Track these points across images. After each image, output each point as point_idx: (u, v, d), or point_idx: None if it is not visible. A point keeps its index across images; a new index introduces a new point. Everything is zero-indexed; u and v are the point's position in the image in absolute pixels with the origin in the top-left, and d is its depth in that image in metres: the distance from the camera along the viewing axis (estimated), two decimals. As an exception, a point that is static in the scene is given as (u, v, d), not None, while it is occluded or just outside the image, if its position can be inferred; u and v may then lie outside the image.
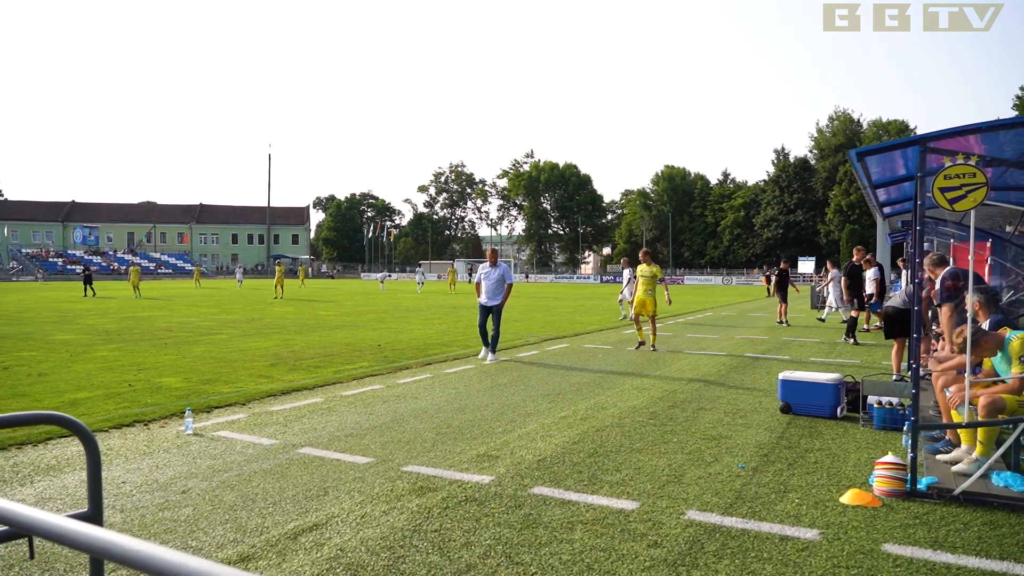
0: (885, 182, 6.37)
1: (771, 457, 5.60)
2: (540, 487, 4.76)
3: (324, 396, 8.01)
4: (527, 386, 8.78)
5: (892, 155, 5.41)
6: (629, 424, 6.70)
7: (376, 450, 5.67)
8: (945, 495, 4.55)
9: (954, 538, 3.90)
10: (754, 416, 7.09)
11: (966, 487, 4.52)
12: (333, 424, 6.61)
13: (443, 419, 6.85)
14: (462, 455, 5.54)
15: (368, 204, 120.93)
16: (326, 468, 5.17)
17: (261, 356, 11.30)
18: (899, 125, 77.87)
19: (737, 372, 10.09)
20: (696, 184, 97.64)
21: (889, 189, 6.95)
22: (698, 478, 4.99)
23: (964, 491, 4.52)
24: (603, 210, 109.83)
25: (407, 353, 11.86)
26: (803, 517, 4.23)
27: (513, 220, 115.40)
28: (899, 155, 5.40)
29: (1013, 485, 4.62)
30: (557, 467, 5.24)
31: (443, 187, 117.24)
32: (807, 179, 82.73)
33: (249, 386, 8.52)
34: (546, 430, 6.43)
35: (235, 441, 5.94)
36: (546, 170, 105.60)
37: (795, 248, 78.86)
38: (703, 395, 8.26)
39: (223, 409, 7.24)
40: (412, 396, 8.07)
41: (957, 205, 4.49)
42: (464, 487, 4.75)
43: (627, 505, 4.41)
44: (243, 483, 4.80)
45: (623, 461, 5.41)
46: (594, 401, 7.82)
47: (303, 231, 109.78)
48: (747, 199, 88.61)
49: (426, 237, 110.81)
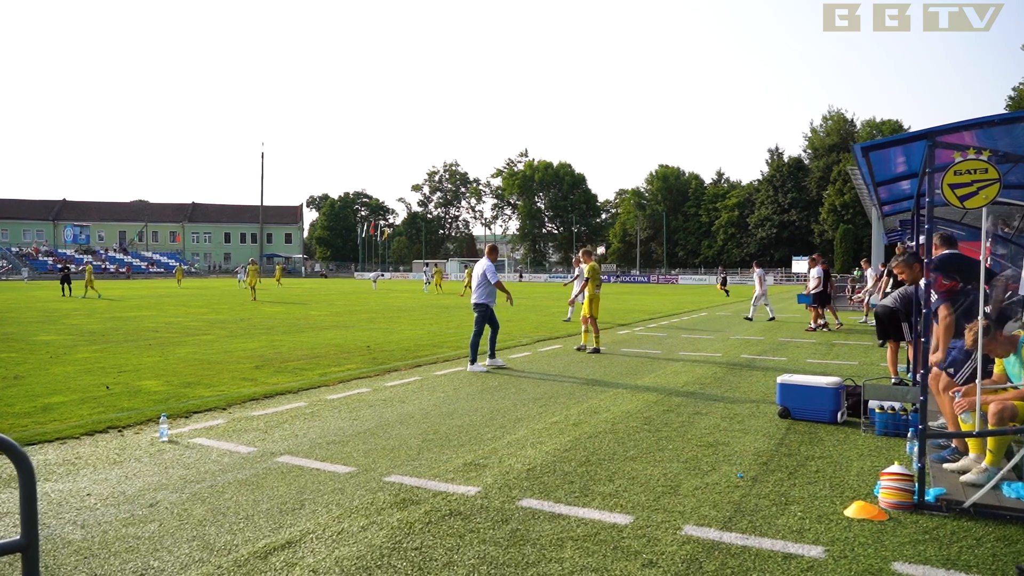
0: (888, 179, 6.15)
1: (770, 466, 5.37)
2: (529, 499, 4.51)
3: (308, 400, 7.75)
4: (518, 389, 8.54)
5: (896, 150, 5.19)
6: (623, 430, 6.46)
7: (358, 458, 5.42)
8: (955, 507, 4.33)
9: (967, 555, 3.68)
10: (752, 421, 6.87)
11: (977, 499, 4.30)
12: (315, 430, 6.35)
13: (430, 425, 6.60)
14: (448, 464, 5.29)
15: (362, 203, 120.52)
16: (304, 478, 4.91)
17: (246, 358, 11.02)
18: (893, 125, 77.96)
19: (733, 375, 9.87)
20: (690, 183, 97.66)
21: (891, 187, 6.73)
22: (695, 489, 4.76)
23: (975, 503, 4.29)
24: (597, 209, 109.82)
25: (396, 355, 11.61)
26: (806, 532, 3.99)
27: (507, 219, 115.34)
28: (902, 151, 5.18)
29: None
30: (547, 477, 5.00)
31: (437, 186, 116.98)
32: (801, 179, 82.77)
33: (231, 389, 8.24)
34: (536, 436, 6.19)
35: (211, 449, 5.68)
36: (540, 169, 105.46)
37: (789, 247, 78.92)
38: (699, 399, 8.03)
39: (202, 414, 6.97)
40: (399, 400, 7.82)
41: (968, 203, 4.26)
42: (449, 499, 4.50)
43: (620, 519, 4.17)
44: (215, 495, 4.54)
45: (616, 470, 5.18)
46: (587, 405, 7.58)
47: (296, 230, 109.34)
48: (741, 198, 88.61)
49: (420, 236, 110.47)
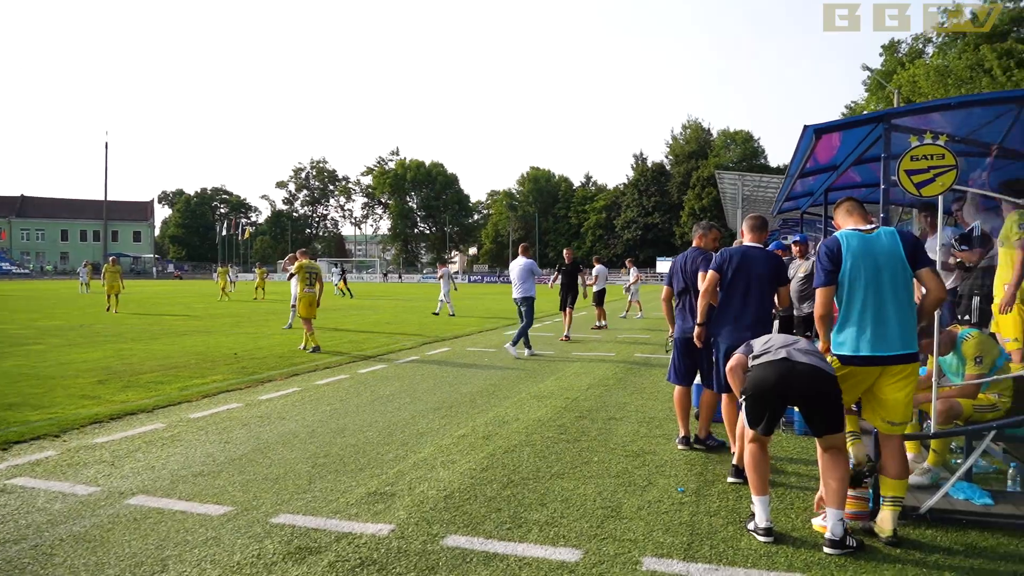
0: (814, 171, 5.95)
1: (707, 476, 4.95)
2: (454, 536, 3.77)
3: (167, 420, 6.54)
4: (413, 398, 7.73)
5: (830, 137, 4.92)
6: (540, 442, 5.85)
7: (235, 494, 4.43)
8: (911, 514, 4.05)
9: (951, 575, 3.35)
10: (670, 425, 6.48)
11: (932, 505, 4.05)
12: (177, 459, 5.25)
13: (319, 445, 5.67)
14: (349, 495, 4.44)
15: (221, 200, 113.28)
16: (166, 526, 3.89)
17: (88, 371, 9.42)
18: (744, 135, 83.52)
19: (634, 375, 9.57)
20: (560, 186, 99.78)
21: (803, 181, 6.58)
22: (638, 509, 4.21)
23: (931, 508, 4.04)
24: (470, 210, 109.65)
25: (269, 362, 10.40)
26: (776, 556, 3.53)
27: (378, 219, 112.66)
28: (838, 138, 4.93)
29: (973, 498, 4.21)
30: (469, 505, 4.27)
31: (304, 184, 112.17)
32: (664, 183, 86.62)
33: (67, 411, 6.84)
34: (446, 454, 5.44)
35: (37, 492, 4.46)
36: (412, 168, 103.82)
37: (653, 249, 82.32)
38: (608, 403, 7.59)
39: (26, 444, 5.62)
40: (278, 416, 6.79)
41: (924, 190, 4.00)
42: (357, 543, 3.67)
43: (568, 555, 3.53)
44: (40, 560, 3.44)
45: (546, 491, 4.54)
46: (493, 414, 6.92)
47: (146, 228, 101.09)
48: (608, 201, 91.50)
49: (285, 236, 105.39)
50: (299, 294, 12.21)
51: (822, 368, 3.64)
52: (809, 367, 3.62)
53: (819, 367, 3.64)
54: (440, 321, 18.83)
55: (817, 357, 3.71)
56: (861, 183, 7.59)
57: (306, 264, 12.37)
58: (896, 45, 44.42)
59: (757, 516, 3.77)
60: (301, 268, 12.27)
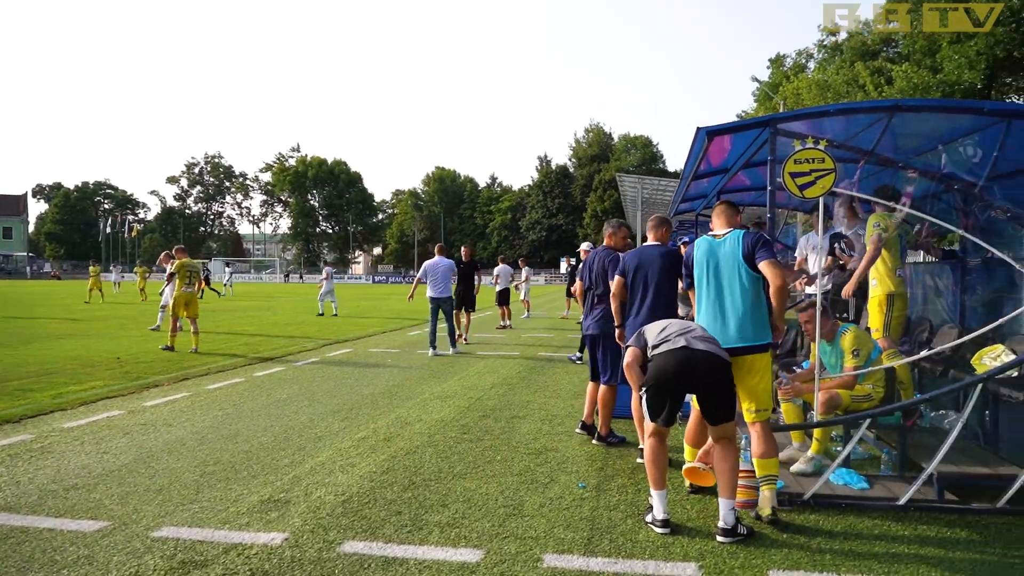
0: (707, 173, 6.18)
1: (607, 470, 5.04)
2: (352, 542, 3.65)
3: (36, 431, 6.03)
4: (312, 401, 7.47)
5: (721, 140, 5.12)
6: (442, 442, 5.78)
7: (113, 508, 4.12)
8: (796, 500, 4.26)
9: (837, 561, 3.53)
10: (571, 422, 6.56)
11: (816, 491, 4.27)
12: (47, 472, 4.83)
13: (209, 452, 5.37)
14: (240, 504, 4.21)
15: (105, 195, 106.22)
16: (30, 545, 3.56)
17: (-56, 379, 8.56)
18: (644, 140, 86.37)
19: (537, 373, 9.65)
20: (466, 186, 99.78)
21: (698, 183, 6.83)
22: (540, 507, 4.22)
23: (814, 494, 4.26)
24: (374, 209, 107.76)
25: (156, 367, 9.79)
26: (672, 547, 3.63)
27: (278, 217, 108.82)
28: (729, 141, 5.14)
29: (851, 483, 4.48)
30: (368, 509, 4.15)
31: (197, 179, 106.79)
32: (567, 185, 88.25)
33: (-83, 423, 6.18)
34: (345, 457, 5.28)
35: None
36: (314, 166, 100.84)
37: (557, 249, 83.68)
38: (511, 401, 7.61)
39: None
40: (164, 423, 6.39)
41: (807, 192, 4.22)
42: (247, 554, 3.48)
43: (469, 556, 3.49)
44: None
45: (448, 492, 4.48)
46: (394, 416, 6.79)
47: (19, 224, 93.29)
48: (514, 202, 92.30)
49: (177, 234, 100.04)
50: (176, 293, 11.63)
51: (719, 355, 3.78)
52: (707, 354, 3.74)
53: (717, 354, 3.77)
54: (341, 322, 18.38)
55: (714, 344, 3.84)
56: (751, 186, 7.97)
57: (186, 263, 11.84)
58: (782, 59, 47.12)
59: (655, 509, 3.86)
60: (182, 267, 11.72)
